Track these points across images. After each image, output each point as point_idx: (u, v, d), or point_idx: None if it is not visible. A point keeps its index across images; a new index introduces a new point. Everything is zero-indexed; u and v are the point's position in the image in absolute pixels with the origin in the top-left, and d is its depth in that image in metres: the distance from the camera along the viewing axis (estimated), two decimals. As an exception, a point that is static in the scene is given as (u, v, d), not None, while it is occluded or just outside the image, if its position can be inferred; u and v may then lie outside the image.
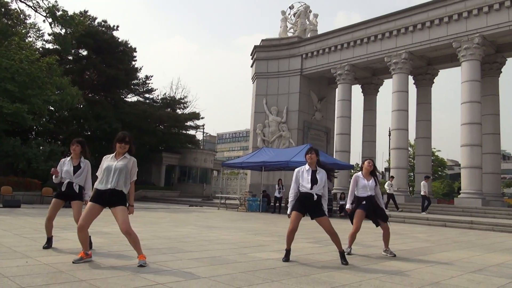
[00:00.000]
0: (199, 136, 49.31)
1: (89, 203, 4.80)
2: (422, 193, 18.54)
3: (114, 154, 4.91)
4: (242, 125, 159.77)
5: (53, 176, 5.84)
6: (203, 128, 44.61)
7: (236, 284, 4.06)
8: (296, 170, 5.80)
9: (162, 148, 35.68)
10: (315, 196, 5.55)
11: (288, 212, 5.74)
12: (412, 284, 4.46)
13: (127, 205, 4.88)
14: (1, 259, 4.87)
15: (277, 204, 19.79)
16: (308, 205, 5.61)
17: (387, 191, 19.28)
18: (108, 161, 4.88)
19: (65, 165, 5.83)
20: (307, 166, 5.75)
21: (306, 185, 5.59)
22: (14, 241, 6.48)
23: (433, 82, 26.15)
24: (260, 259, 5.70)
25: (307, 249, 6.88)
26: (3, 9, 25.58)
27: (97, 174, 4.94)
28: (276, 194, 19.88)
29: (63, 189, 5.77)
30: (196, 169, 36.64)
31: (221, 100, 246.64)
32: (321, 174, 5.68)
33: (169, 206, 22.11)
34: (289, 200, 5.78)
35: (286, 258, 5.58)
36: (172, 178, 36.53)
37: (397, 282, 4.54)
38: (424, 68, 25.20)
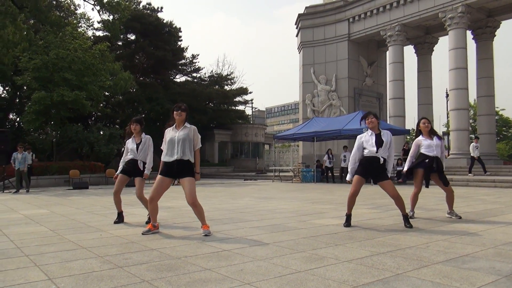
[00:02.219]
0: (248, 111, 49.61)
1: (159, 176, 4.96)
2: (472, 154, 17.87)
3: (174, 125, 5.04)
4: (290, 97, 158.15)
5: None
6: (252, 103, 44.66)
7: (300, 249, 4.08)
8: (359, 137, 5.60)
9: (214, 125, 36.32)
10: (381, 159, 5.37)
11: (348, 178, 5.59)
12: (485, 244, 4.24)
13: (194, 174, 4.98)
14: (78, 233, 5.24)
15: (330, 174, 19.64)
16: (371, 170, 5.43)
17: (472, 154, 18.01)
18: (170, 133, 5.01)
19: (129, 143, 6.07)
20: (369, 131, 5.54)
21: (371, 148, 5.38)
22: (87, 217, 6.94)
23: (495, 35, 24.19)
24: (320, 225, 5.69)
25: (367, 214, 6.77)
26: (54, 2, 26.78)
27: (161, 148, 5.11)
28: (327, 164, 19.70)
29: (127, 165, 6.04)
30: (247, 144, 37.04)
31: (268, 73, 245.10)
32: (386, 136, 5.45)
33: (224, 181, 22.63)
34: (349, 167, 5.62)
35: (347, 223, 5.51)
36: (225, 154, 37.23)
37: (467, 242, 4.34)
38: (484, 20, 23.34)
